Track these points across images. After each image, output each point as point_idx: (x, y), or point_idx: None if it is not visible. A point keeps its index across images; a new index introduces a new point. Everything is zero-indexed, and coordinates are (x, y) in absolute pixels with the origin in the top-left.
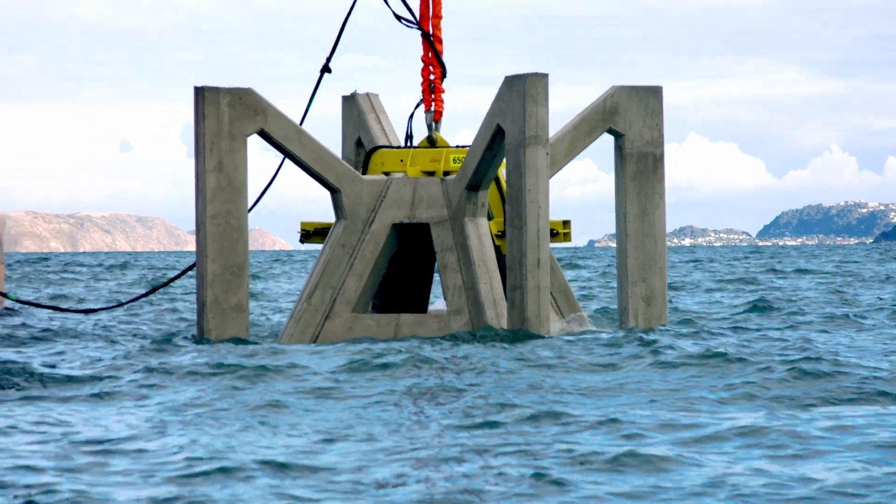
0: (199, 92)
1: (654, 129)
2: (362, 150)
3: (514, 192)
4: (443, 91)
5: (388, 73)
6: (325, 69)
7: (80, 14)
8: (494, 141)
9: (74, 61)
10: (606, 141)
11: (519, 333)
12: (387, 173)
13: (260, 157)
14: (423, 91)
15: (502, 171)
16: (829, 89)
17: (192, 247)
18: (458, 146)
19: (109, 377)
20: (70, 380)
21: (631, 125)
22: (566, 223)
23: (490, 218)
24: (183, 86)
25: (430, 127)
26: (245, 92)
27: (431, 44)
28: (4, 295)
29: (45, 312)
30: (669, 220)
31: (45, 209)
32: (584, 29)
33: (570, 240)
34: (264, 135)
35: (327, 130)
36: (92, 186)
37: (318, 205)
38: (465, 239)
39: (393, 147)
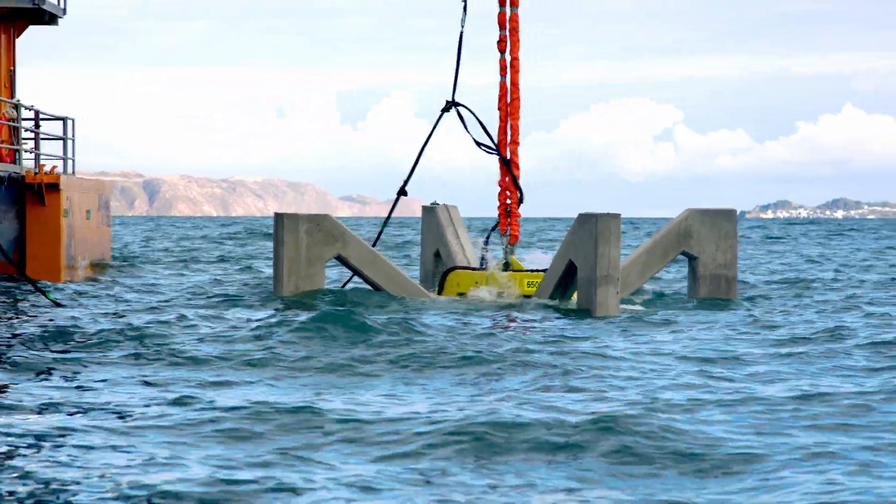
0: (279, 218)
1: (727, 251)
2: (440, 261)
3: None
4: (519, 215)
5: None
6: (402, 192)
7: None
8: (567, 276)
9: (231, 29)
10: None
11: None
12: (462, 293)
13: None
14: (499, 215)
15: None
16: None
17: (342, 213)
18: (532, 270)
19: None
20: None
21: (704, 249)
22: None
23: None
24: (341, 53)
25: (505, 250)
26: (323, 218)
27: (510, 169)
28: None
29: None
30: (823, 193)
31: (200, 173)
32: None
33: None
34: (341, 259)
35: None
36: (246, 152)
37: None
38: None
39: (469, 268)
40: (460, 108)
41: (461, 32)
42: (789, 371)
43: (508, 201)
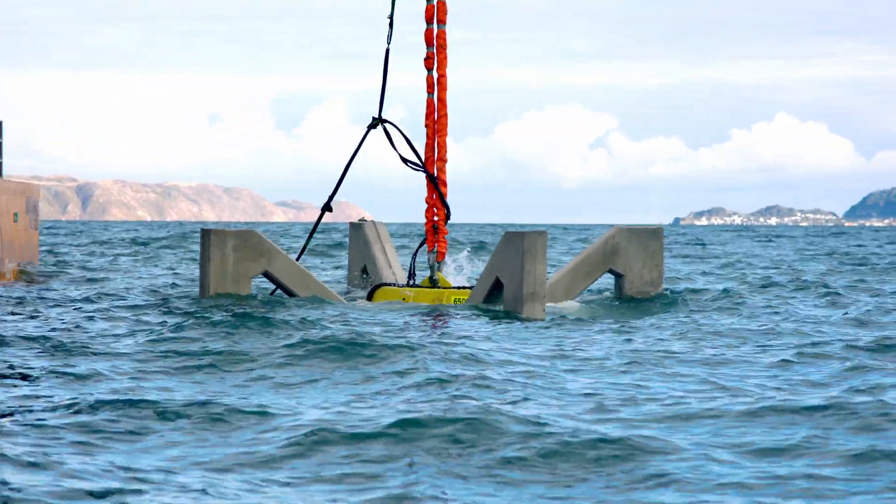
0: (206, 234)
1: (653, 269)
2: (367, 278)
3: None
4: (446, 233)
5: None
6: (327, 208)
7: None
8: (493, 293)
9: (166, 33)
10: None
11: None
12: None
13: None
14: (426, 231)
15: None
16: None
17: (277, 218)
18: (459, 287)
19: None
20: None
21: (631, 267)
22: None
23: None
24: (275, 57)
25: (432, 267)
26: (249, 234)
27: (437, 186)
28: None
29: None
30: (757, 200)
31: (134, 178)
32: (669, 7)
33: None
34: (268, 275)
35: None
36: (180, 157)
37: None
38: None
39: (397, 285)
40: (387, 126)
41: (387, 49)
42: (700, 370)
43: (436, 218)
